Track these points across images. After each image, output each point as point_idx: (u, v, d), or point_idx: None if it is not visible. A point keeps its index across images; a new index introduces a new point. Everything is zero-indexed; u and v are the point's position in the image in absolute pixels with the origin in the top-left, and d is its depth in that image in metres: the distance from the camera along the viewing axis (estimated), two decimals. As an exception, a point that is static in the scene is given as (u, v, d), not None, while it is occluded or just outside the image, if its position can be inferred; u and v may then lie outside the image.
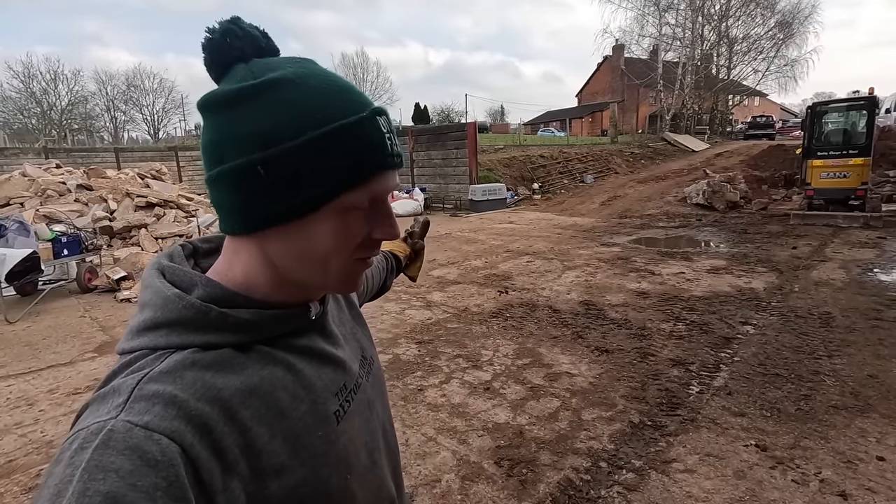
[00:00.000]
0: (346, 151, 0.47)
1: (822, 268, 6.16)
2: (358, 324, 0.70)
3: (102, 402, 0.42)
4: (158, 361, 0.45)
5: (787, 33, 26.75)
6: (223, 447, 0.43)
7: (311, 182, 0.46)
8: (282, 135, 0.45)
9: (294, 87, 0.47)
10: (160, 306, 0.48)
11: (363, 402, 0.61)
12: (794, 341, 3.97)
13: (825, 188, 9.34)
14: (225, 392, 0.45)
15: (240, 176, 0.46)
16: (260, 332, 0.50)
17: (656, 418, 2.97)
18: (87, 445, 0.38)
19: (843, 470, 2.41)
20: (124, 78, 39.13)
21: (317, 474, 0.50)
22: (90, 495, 0.35)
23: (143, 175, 11.75)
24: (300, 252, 0.49)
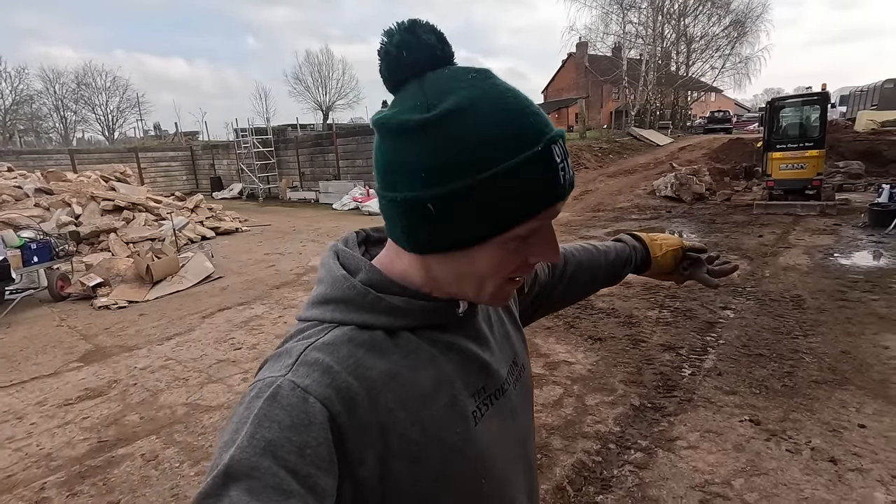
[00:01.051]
0: (515, 191, 0.45)
1: (788, 254, 6.53)
2: (514, 327, 0.69)
3: (277, 361, 0.48)
4: (323, 333, 0.50)
5: (740, 32, 27.98)
6: (365, 423, 0.46)
7: (478, 220, 0.46)
8: (452, 174, 0.45)
9: (467, 119, 0.45)
10: (330, 284, 0.54)
11: (506, 408, 0.60)
12: (772, 323, 4.23)
13: (784, 179, 9.85)
14: (373, 372, 0.48)
15: (411, 208, 0.47)
16: (409, 319, 0.53)
17: (655, 400, 3.12)
18: (261, 395, 0.44)
19: (831, 438, 2.61)
20: (73, 76, 37.25)
21: (449, 470, 0.51)
22: (258, 437, 0.42)
23: (106, 177, 11.27)
24: (458, 273, 0.51)
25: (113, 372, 4.01)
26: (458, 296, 0.55)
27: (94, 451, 2.91)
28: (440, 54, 0.49)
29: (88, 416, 3.32)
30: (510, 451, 0.60)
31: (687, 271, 0.98)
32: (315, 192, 17.21)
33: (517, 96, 0.47)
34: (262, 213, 14.65)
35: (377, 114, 0.50)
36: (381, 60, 0.49)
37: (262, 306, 5.58)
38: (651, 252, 0.95)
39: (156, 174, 22.23)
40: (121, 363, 4.18)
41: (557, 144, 0.47)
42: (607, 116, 32.60)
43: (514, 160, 0.45)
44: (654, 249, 0.96)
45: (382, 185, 0.50)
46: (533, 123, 0.46)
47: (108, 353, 4.42)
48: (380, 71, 0.50)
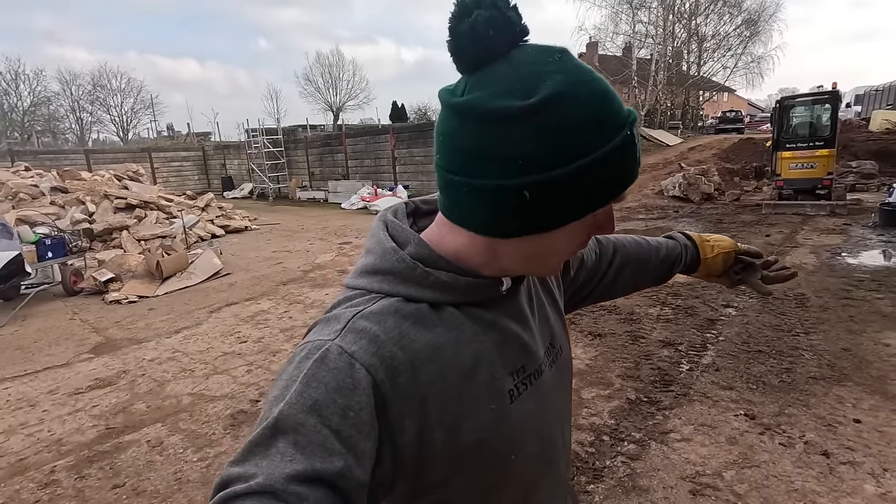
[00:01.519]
0: (607, 176, 0.47)
1: (795, 253, 6.49)
2: (553, 310, 0.69)
3: (326, 325, 0.51)
4: (371, 302, 0.52)
5: (753, 31, 27.65)
6: (407, 393, 0.48)
7: (569, 205, 0.47)
8: (553, 161, 0.45)
9: (565, 106, 0.45)
10: (379, 255, 0.55)
11: (542, 389, 0.61)
12: (774, 321, 4.22)
13: (794, 178, 9.76)
14: (417, 344, 0.50)
15: (503, 195, 0.46)
16: (454, 294, 0.53)
17: (651, 394, 3.14)
18: (311, 356, 0.47)
19: (825, 432, 2.62)
20: (90, 77, 37.90)
21: (481, 445, 0.53)
22: (305, 396, 0.44)
23: (119, 176, 11.50)
24: (530, 254, 0.52)
25: (122, 363, 4.12)
26: (515, 273, 0.57)
27: (102, 437, 3.01)
28: (520, 31, 0.48)
29: (98, 404, 3.43)
30: (545, 431, 0.61)
31: (739, 276, 0.95)
32: (324, 191, 17.36)
33: (600, 78, 0.47)
34: (272, 212, 14.83)
35: (450, 93, 0.48)
36: (466, 37, 0.47)
37: (268, 302, 5.68)
38: (701, 252, 0.93)
39: (168, 174, 22.57)
40: (130, 355, 4.29)
41: (636, 126, 0.49)
42: (617, 116, 32.30)
43: (608, 146, 0.45)
44: (704, 250, 0.93)
45: (459, 169, 0.48)
46: (618, 106, 0.47)
47: (117, 345, 4.54)
48: (458, 48, 0.48)
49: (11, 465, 2.74)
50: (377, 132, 17.62)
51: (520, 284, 0.60)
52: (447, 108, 0.49)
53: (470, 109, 0.46)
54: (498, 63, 0.47)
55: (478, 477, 0.54)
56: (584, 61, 0.49)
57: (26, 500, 2.47)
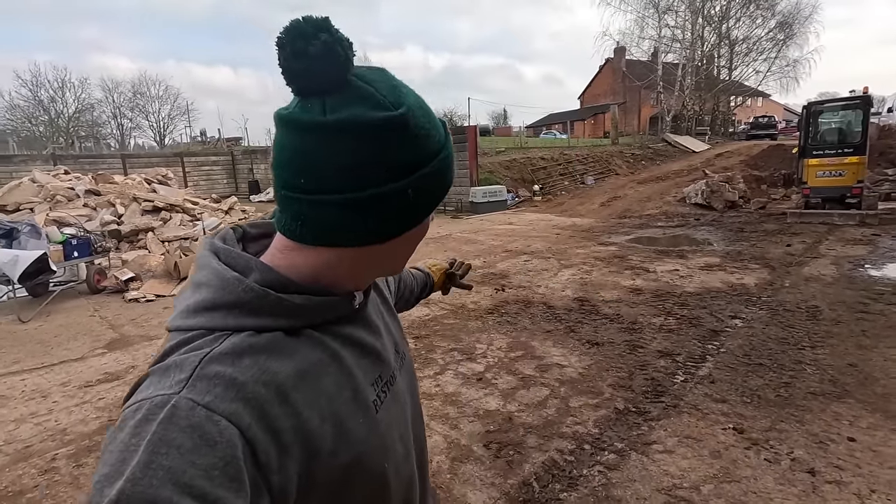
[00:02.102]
0: (443, 179, 0.53)
1: (815, 264, 6.26)
2: (391, 317, 0.73)
3: (164, 376, 0.44)
4: (217, 342, 0.47)
5: (787, 34, 26.84)
6: (279, 428, 0.45)
7: (434, 196, 0.53)
8: (422, 161, 0.50)
9: (419, 114, 0.50)
10: (218, 287, 0.49)
11: (398, 393, 0.64)
12: (780, 333, 4.09)
13: (821, 187, 9.43)
14: (279, 375, 0.47)
15: (393, 200, 0.49)
16: (309, 317, 0.52)
17: (641, 405, 3.09)
18: (152, 417, 0.40)
19: (815, 450, 2.53)
20: (130, 85, 39.88)
21: (360, 460, 0.53)
22: (154, 468, 0.37)
23: (149, 180, 11.99)
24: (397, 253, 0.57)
25: (132, 358, 4.30)
26: (369, 281, 0.60)
27: (104, 427, 3.15)
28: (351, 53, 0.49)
29: (104, 397, 3.59)
30: (404, 433, 0.64)
31: (448, 285, 1.24)
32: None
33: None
34: (294, 215, 15.12)
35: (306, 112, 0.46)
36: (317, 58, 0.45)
37: (277, 303, 5.81)
38: (432, 275, 1.18)
39: (199, 178, 23.34)
40: (140, 351, 4.47)
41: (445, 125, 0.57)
42: (644, 122, 31.87)
43: (447, 150, 0.53)
44: (432, 271, 1.19)
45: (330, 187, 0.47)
46: (437, 118, 0.54)
47: (130, 341, 4.74)
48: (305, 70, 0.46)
49: (18, 452, 2.91)
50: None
51: (368, 296, 0.62)
52: (312, 130, 0.46)
53: (349, 126, 0.46)
54: (352, 82, 0.48)
55: (361, 493, 0.54)
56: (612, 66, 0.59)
57: (26, 484, 2.61)
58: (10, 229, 5.68)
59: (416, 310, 5.18)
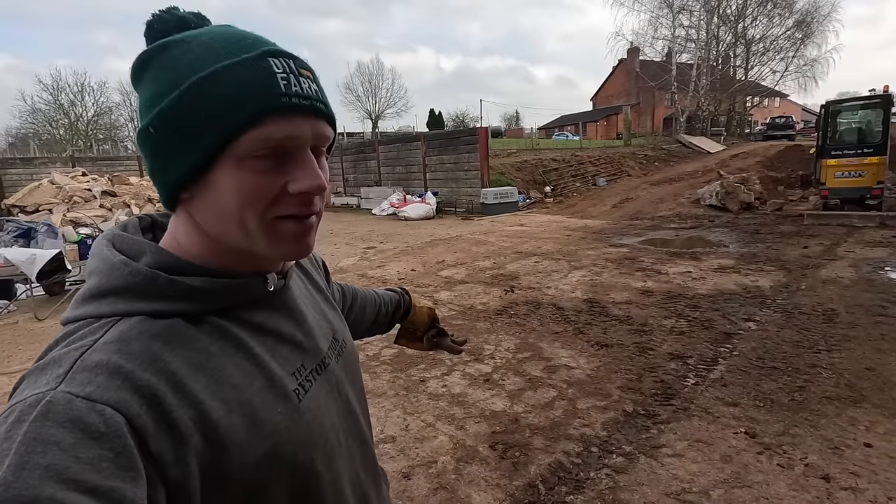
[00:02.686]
0: (228, 92, 0.45)
1: (832, 266, 6.12)
2: (328, 306, 0.70)
3: (41, 374, 0.41)
4: (102, 331, 0.44)
5: (805, 33, 26.36)
6: (173, 419, 0.42)
7: (198, 130, 0.45)
8: (165, 90, 0.46)
9: (182, 46, 0.47)
10: (105, 273, 0.47)
11: (330, 382, 0.60)
12: (795, 336, 4.00)
13: (840, 188, 9.23)
14: (173, 364, 0.44)
15: (142, 143, 0.48)
16: (211, 301, 0.49)
17: (650, 408, 3.05)
18: (24, 418, 0.37)
19: (830, 455, 2.46)
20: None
21: (279, 451, 0.49)
22: (29, 468, 0.34)
23: (164, 181, 12.17)
24: (215, 211, 0.48)
25: (144, 357, 4.35)
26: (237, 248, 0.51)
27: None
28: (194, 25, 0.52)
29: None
30: (340, 424, 0.60)
31: (435, 339, 1.11)
32: (357, 197, 17.75)
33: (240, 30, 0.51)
34: (306, 216, 15.25)
35: None
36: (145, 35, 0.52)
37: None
38: (413, 300, 1.08)
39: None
40: (152, 349, 4.53)
41: (279, 59, 0.48)
42: (658, 123, 31.56)
43: (223, 62, 0.46)
44: (415, 300, 1.09)
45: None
46: (252, 42, 0.48)
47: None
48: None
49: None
50: (409, 139, 17.88)
51: (288, 280, 0.59)
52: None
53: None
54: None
55: (286, 487, 0.50)
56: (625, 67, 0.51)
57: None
58: (27, 229, 5.80)
59: (425, 310, 5.16)
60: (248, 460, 0.47)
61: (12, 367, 4.17)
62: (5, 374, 4.04)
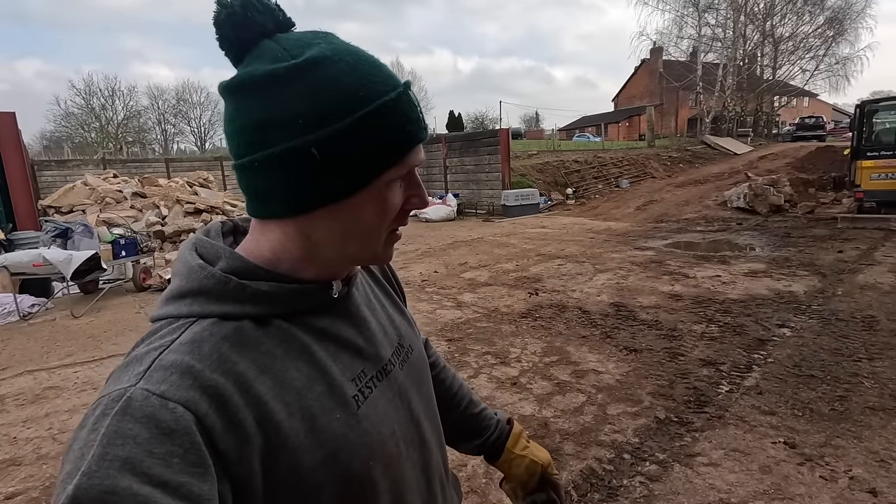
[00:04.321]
0: (391, 128, 0.48)
1: (870, 271, 5.91)
2: (396, 311, 0.69)
3: (125, 371, 0.44)
4: (179, 332, 0.47)
5: (837, 30, 25.57)
6: (239, 419, 0.44)
7: (359, 161, 0.47)
8: (331, 115, 0.46)
9: (334, 66, 0.46)
10: (185, 275, 0.51)
11: (393, 390, 0.60)
12: (833, 344, 3.87)
13: (876, 190, 8.91)
14: (240, 365, 0.46)
15: (292, 159, 0.46)
16: (278, 305, 0.51)
17: (683, 415, 2.98)
18: (108, 412, 0.40)
19: (876, 468, 2.37)
20: (174, 92, 41.56)
21: (336, 458, 0.50)
22: (109, 459, 0.37)
23: (191, 183, 12.46)
24: (344, 230, 0.51)
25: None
26: (339, 260, 0.54)
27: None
28: (282, 19, 0.50)
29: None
30: (401, 432, 0.59)
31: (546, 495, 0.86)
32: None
33: (367, 52, 0.51)
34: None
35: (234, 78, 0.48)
36: (225, 22, 0.47)
37: (312, 303, 5.92)
38: (510, 441, 0.87)
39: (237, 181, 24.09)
40: (183, 347, 4.63)
41: (412, 91, 0.51)
42: (682, 124, 30.98)
43: (385, 97, 0.47)
44: (514, 441, 0.87)
45: (247, 147, 0.47)
46: (389, 71, 0.50)
47: (174, 338, 4.91)
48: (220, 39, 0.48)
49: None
50: (430, 142, 17.91)
51: (351, 286, 0.59)
52: (224, 96, 0.48)
53: (240, 85, 0.47)
54: (264, 43, 0.48)
55: (340, 493, 0.51)
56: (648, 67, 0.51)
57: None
58: (65, 229, 6.00)
59: (449, 312, 5.17)
60: (306, 464, 0.48)
61: (51, 363, 4.31)
62: (44, 370, 4.17)
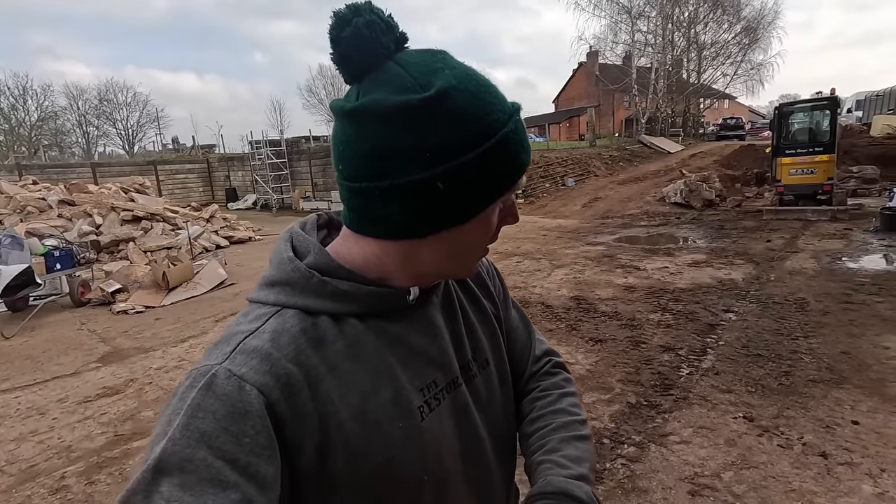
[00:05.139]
0: (510, 157, 0.49)
1: (795, 258, 6.51)
2: (481, 321, 0.67)
3: (216, 348, 0.48)
4: (264, 320, 0.49)
5: (752, 38, 27.85)
6: (306, 411, 0.46)
7: (479, 191, 0.48)
8: (458, 149, 0.46)
9: (461, 96, 0.46)
10: (276, 265, 0.54)
11: (460, 404, 0.59)
12: (773, 325, 4.25)
13: (794, 184, 9.80)
14: (314, 359, 0.48)
15: (417, 191, 0.46)
16: (355, 305, 0.52)
17: (651, 398, 3.18)
18: (195, 384, 0.44)
19: (823, 434, 2.65)
20: (96, 92, 38.45)
21: (391, 465, 0.50)
22: (191, 429, 0.41)
23: (126, 189, 11.66)
24: (450, 252, 0.52)
25: (130, 372, 4.18)
26: (432, 278, 0.56)
27: (111, 443, 3.06)
28: (400, 36, 0.49)
29: (106, 412, 3.48)
30: (461, 449, 0.58)
31: None
32: (327, 201, 17.52)
33: (480, 74, 0.50)
34: (275, 222, 14.95)
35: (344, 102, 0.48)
36: (348, 42, 0.46)
37: (272, 311, 5.73)
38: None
39: (173, 186, 22.81)
40: (137, 364, 4.35)
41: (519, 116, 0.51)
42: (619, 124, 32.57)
43: (506, 128, 0.48)
44: None
45: (364, 173, 0.47)
46: (502, 95, 0.50)
47: (125, 354, 4.61)
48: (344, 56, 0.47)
49: (23, 472, 2.80)
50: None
51: (431, 295, 0.59)
52: (343, 117, 0.48)
53: (368, 111, 0.46)
54: (386, 66, 0.47)
55: (388, 498, 0.51)
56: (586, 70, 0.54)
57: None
58: (-11, 242, 5.45)
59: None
60: (361, 467, 0.48)
61: (-15, 389, 3.92)
62: (-22, 397, 3.79)
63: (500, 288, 0.75)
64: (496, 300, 0.72)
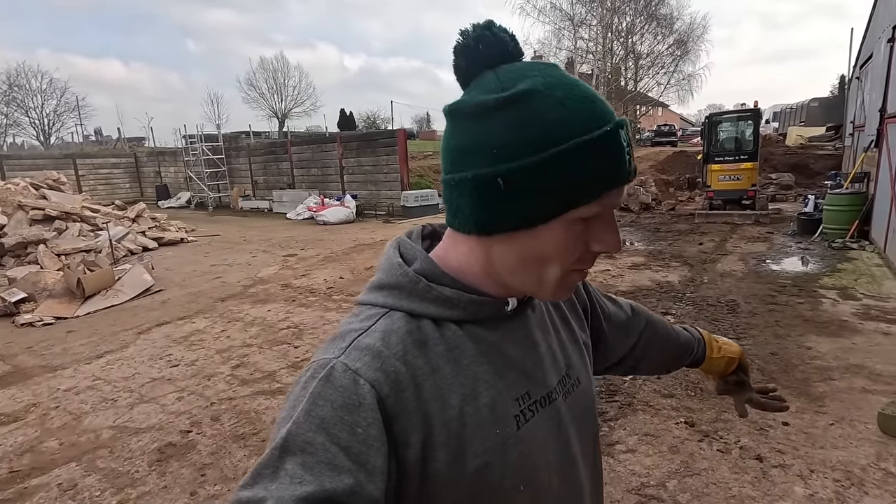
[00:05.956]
0: (585, 168, 0.47)
1: (725, 261, 6.89)
2: (571, 340, 0.68)
3: (333, 343, 0.52)
4: (374, 320, 0.53)
5: (683, 51, 29.55)
6: (411, 408, 0.48)
7: (546, 196, 0.47)
8: (524, 149, 0.46)
9: (540, 100, 0.47)
10: (386, 270, 0.57)
11: (553, 419, 0.59)
12: (708, 327, 4.40)
13: (722, 190, 10.43)
14: (418, 360, 0.50)
15: (479, 184, 0.48)
16: (456, 311, 0.54)
17: (597, 406, 3.18)
18: (316, 376, 0.48)
19: (757, 437, 2.74)
20: (4, 77, 34.79)
21: (487, 470, 0.51)
22: (312, 415, 0.45)
23: (37, 185, 10.55)
24: (520, 258, 0.51)
25: (32, 394, 3.71)
26: (517, 287, 0.55)
27: (4, 482, 2.67)
28: (511, 50, 0.52)
29: (1, 444, 3.05)
30: (554, 465, 0.58)
31: (728, 386, 0.98)
32: (269, 201, 16.76)
33: (586, 85, 0.50)
34: (211, 222, 14.11)
35: (453, 103, 0.52)
36: (461, 53, 0.52)
37: (204, 320, 5.33)
38: (708, 350, 0.95)
39: (95, 182, 21.07)
40: (42, 385, 3.87)
41: (624, 129, 0.49)
42: (562, 128, 33.50)
43: (585, 137, 0.46)
44: (711, 349, 0.96)
45: (450, 168, 0.51)
46: (602, 108, 0.49)
47: (28, 374, 4.10)
48: (456, 65, 0.53)
49: None
50: (324, 141, 17.27)
51: (527, 307, 0.60)
52: (445, 116, 0.52)
53: (456, 110, 0.51)
54: (486, 73, 0.51)
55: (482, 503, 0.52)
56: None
57: None
58: None
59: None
60: (460, 469, 0.50)
61: None
62: None
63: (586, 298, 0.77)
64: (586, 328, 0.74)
